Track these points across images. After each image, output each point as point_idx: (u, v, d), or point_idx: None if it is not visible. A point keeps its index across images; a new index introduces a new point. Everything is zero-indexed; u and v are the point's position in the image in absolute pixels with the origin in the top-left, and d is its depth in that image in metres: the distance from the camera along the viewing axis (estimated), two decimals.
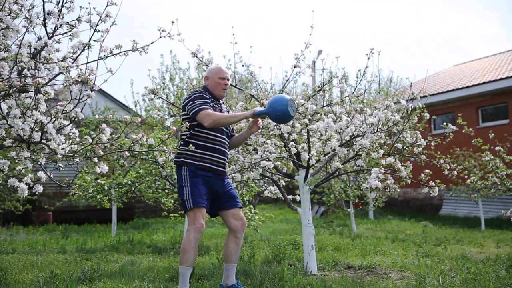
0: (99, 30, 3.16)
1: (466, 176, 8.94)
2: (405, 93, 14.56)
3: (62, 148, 3.15)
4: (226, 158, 4.00)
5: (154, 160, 6.66)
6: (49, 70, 3.10)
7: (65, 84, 2.96)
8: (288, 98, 3.79)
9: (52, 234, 9.30)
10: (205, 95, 3.91)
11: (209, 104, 3.84)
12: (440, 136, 4.96)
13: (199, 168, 3.82)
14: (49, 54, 3.02)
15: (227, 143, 4.02)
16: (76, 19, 3.16)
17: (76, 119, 3.13)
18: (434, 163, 4.62)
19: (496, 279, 4.41)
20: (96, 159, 3.26)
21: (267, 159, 4.69)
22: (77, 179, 8.04)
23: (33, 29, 3.13)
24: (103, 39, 3.16)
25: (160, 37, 3.42)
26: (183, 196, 3.79)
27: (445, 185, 4.40)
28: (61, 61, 3.01)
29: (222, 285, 4.00)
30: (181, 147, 3.91)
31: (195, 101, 3.82)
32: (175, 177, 6.98)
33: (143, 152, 4.00)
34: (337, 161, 5.11)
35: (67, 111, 3.09)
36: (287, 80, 5.35)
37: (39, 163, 3.21)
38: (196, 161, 3.82)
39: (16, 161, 3.13)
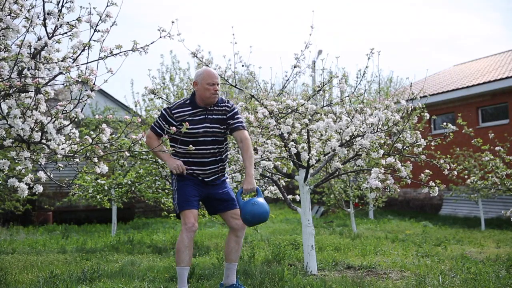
0: (99, 30, 3.16)
1: (466, 176, 8.94)
2: (405, 93, 14.54)
3: (62, 148, 3.15)
4: (214, 167, 3.89)
5: (154, 160, 6.67)
6: (49, 70, 3.10)
7: (65, 84, 2.97)
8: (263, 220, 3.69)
9: (52, 234, 9.30)
10: (167, 114, 3.84)
11: (160, 126, 3.87)
12: (440, 136, 4.96)
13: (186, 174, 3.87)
14: (49, 54, 3.03)
15: (215, 152, 3.88)
16: (76, 19, 3.16)
17: (76, 119, 3.13)
18: (434, 163, 4.62)
19: (496, 279, 4.41)
20: (96, 159, 3.26)
21: (267, 159, 4.69)
22: (77, 179, 8.04)
23: (33, 29, 3.13)
24: (103, 39, 3.16)
25: (160, 37, 3.42)
26: (173, 200, 3.89)
27: (445, 185, 4.41)
28: (61, 61, 3.01)
29: (222, 284, 4.00)
30: (172, 155, 3.94)
31: (158, 116, 3.94)
32: None
33: (143, 152, 4.01)
34: (337, 161, 5.11)
35: (67, 111, 3.09)
36: (287, 80, 5.36)
37: (39, 163, 3.21)
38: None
39: (16, 161, 3.14)
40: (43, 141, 3.07)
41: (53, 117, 3.04)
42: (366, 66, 5.20)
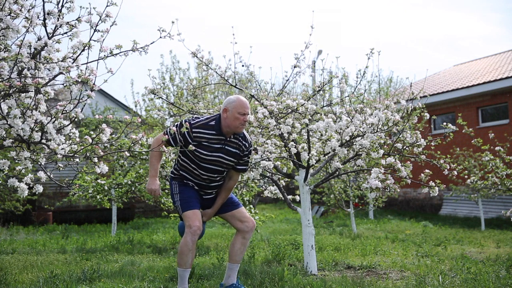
0: (99, 30, 3.16)
1: (466, 176, 8.94)
2: (405, 93, 14.56)
3: (62, 148, 3.15)
4: (213, 191, 3.92)
5: None
6: (49, 70, 3.10)
7: (65, 84, 2.97)
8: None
9: (52, 234, 9.30)
10: (191, 123, 3.66)
11: (174, 137, 3.67)
12: (440, 136, 4.96)
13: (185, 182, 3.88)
14: (49, 54, 3.02)
15: (218, 178, 3.86)
16: (76, 19, 3.16)
17: (76, 119, 3.13)
18: (434, 163, 4.62)
19: (496, 279, 4.40)
20: (96, 159, 3.26)
21: (267, 159, 4.69)
22: (77, 179, 8.04)
23: (33, 29, 3.13)
24: (103, 39, 3.16)
25: (160, 37, 3.42)
26: (175, 203, 3.86)
27: (445, 185, 4.41)
28: (61, 61, 3.01)
29: (222, 284, 4.00)
30: (175, 164, 3.96)
31: (176, 124, 3.75)
32: None
33: (143, 152, 4.00)
34: (337, 161, 5.11)
35: (67, 111, 3.09)
36: (287, 80, 5.36)
37: (39, 163, 3.21)
38: (183, 180, 3.88)
39: (16, 161, 3.14)
40: (43, 141, 3.07)
41: (53, 117, 3.04)
42: (366, 66, 5.20)
